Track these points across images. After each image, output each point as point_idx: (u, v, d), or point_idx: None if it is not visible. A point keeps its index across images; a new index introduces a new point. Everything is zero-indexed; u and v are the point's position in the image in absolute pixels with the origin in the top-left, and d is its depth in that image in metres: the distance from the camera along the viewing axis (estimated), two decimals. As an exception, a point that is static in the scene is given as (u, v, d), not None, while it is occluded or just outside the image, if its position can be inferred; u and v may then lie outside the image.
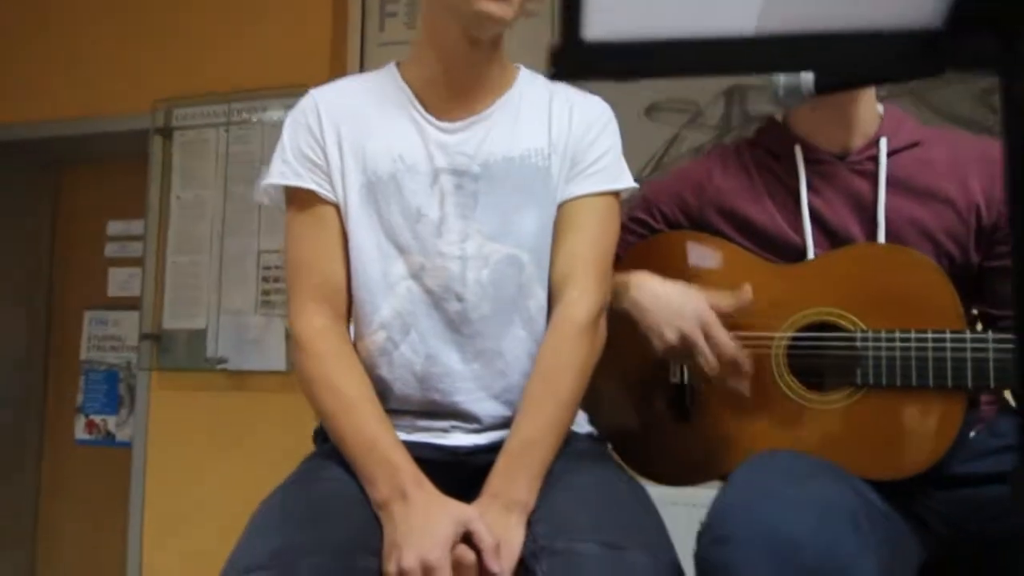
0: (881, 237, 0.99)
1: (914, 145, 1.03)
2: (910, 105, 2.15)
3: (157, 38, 2.86)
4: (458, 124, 1.02)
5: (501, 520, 0.84)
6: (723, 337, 0.96)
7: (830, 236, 1.03)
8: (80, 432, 3.30)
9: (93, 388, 3.31)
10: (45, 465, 3.35)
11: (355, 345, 1.02)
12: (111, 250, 3.31)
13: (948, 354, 0.89)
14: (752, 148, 1.14)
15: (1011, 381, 0.85)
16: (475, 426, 0.99)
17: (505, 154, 1.02)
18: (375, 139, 1.01)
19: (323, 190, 1.01)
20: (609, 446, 1.14)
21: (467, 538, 0.82)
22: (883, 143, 1.03)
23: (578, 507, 0.85)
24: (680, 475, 1.09)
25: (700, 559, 0.77)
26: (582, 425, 1.09)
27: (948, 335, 0.89)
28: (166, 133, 2.78)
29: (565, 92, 1.10)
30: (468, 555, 0.79)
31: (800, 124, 1.09)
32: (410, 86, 1.04)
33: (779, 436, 0.99)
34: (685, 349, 0.98)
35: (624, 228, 1.20)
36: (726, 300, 0.99)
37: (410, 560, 0.76)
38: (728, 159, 1.15)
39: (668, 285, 1.03)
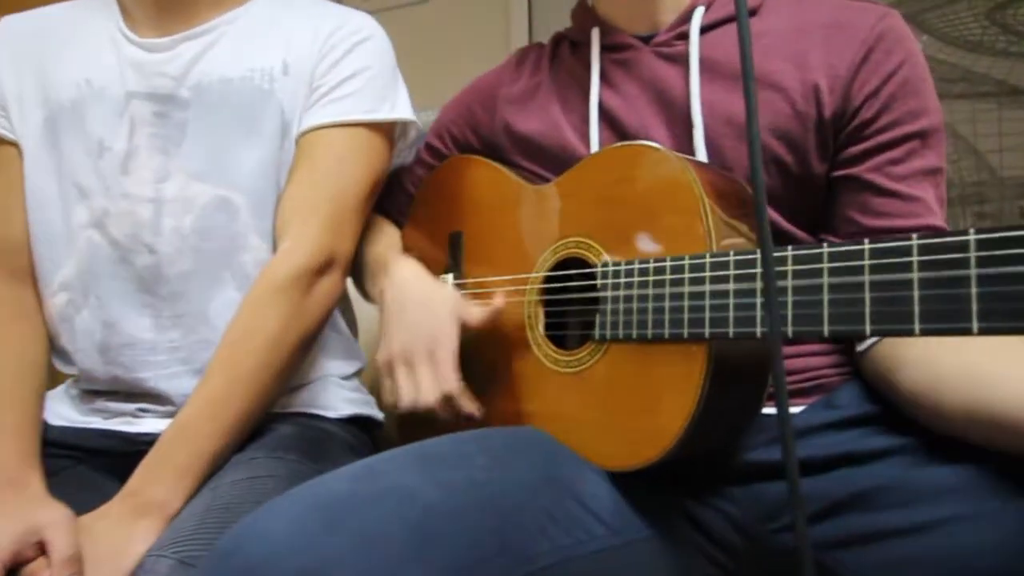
0: (699, 139, 0.72)
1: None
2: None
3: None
4: (165, 41, 0.85)
5: (122, 527, 0.68)
6: (446, 371, 0.73)
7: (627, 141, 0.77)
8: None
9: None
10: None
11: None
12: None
13: (685, 289, 0.60)
14: (558, 40, 0.91)
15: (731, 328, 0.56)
16: (169, 408, 0.83)
17: (223, 75, 0.84)
18: (62, 64, 0.86)
19: (0, 128, 0.87)
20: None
21: None
22: (696, 15, 0.76)
23: (194, 512, 0.68)
24: None
25: None
26: (338, 408, 0.90)
27: (687, 263, 0.61)
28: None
29: (321, 8, 0.90)
30: (39, 571, 0.64)
31: (602, 1, 0.85)
32: (120, 1, 0.88)
33: (524, 409, 0.75)
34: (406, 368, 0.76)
35: (418, 159, 1.00)
36: (475, 315, 0.76)
37: None
38: (526, 60, 0.92)
39: (415, 290, 0.79)
